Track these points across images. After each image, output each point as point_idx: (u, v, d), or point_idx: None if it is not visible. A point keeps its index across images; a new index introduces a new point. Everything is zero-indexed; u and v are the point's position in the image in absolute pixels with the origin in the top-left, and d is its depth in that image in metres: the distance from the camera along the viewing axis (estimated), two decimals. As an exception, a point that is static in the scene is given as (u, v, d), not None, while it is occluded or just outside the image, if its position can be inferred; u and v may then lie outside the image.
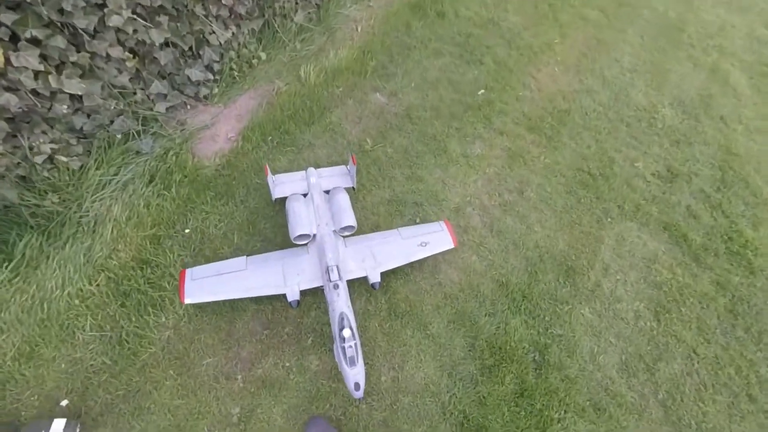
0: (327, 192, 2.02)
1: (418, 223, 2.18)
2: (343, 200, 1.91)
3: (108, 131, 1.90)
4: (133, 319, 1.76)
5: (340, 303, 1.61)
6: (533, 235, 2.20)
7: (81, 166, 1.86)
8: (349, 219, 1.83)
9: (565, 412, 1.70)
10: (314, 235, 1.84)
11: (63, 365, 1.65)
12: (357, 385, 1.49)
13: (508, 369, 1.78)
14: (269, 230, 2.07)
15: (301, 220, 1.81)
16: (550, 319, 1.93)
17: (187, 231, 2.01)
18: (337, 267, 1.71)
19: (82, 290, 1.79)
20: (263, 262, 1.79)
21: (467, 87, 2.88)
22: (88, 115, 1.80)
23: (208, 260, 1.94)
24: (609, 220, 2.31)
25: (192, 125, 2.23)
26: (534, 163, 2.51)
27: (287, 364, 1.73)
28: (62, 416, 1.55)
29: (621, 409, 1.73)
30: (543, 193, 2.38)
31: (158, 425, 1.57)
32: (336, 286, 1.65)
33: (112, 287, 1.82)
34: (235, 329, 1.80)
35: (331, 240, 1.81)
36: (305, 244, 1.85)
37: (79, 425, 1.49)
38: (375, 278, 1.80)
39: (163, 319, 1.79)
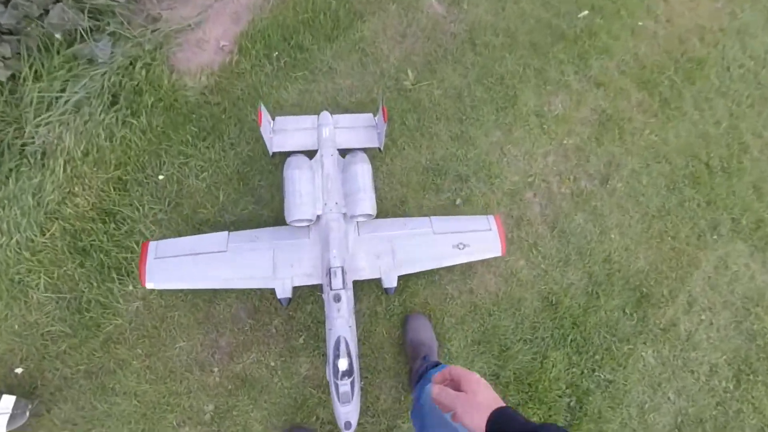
0: (343, 154, 1.48)
1: (458, 206, 1.66)
2: (363, 175, 1.38)
3: (43, 27, 1.32)
4: (95, 284, 1.46)
5: (340, 322, 1.23)
6: (607, 244, 1.66)
7: (11, 76, 1.35)
8: (368, 205, 1.34)
9: (591, 472, 1.43)
10: (318, 216, 1.38)
11: (16, 326, 1.42)
12: (348, 425, 1.21)
13: (534, 411, 1.46)
14: (264, 189, 1.60)
15: (302, 198, 1.32)
16: (602, 359, 1.54)
17: (161, 177, 1.57)
18: (342, 269, 1.28)
19: (32, 241, 1.46)
20: (249, 242, 1.38)
21: (564, 2, 2.00)
22: (5, 2, 1.22)
23: (186, 220, 1.55)
24: (715, 237, 1.71)
25: (168, 24, 1.59)
26: (634, 139, 1.81)
27: (272, 364, 1.46)
28: (17, 384, 1.38)
29: (659, 479, 1.45)
30: (636, 185, 1.75)
31: (123, 410, 1.39)
32: (338, 298, 1.25)
33: (69, 241, 1.48)
34: (214, 312, 1.49)
35: (339, 228, 1.35)
36: (306, 227, 1.40)
37: (30, 405, 1.31)
38: (390, 283, 1.39)
39: (131, 288, 1.48)
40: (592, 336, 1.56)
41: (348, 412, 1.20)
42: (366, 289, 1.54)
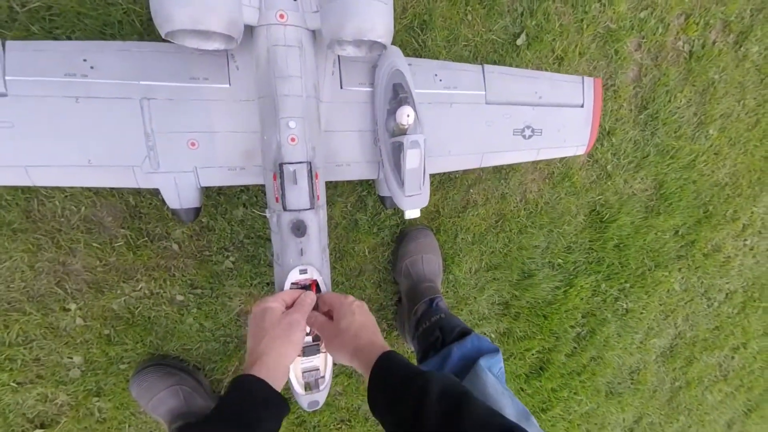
0: None
1: (519, 48, 0.91)
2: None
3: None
4: None
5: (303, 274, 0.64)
6: (699, 143, 1.14)
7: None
8: (377, 18, 0.55)
9: (575, 393, 1.31)
10: (252, 29, 0.58)
11: None
12: (314, 404, 0.78)
13: (539, 342, 1.19)
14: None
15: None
16: (631, 287, 1.24)
17: None
18: (310, 167, 0.61)
19: None
20: (69, 76, 0.56)
21: None
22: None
23: None
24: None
25: None
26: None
27: (179, 298, 0.88)
28: None
29: (634, 393, 1.40)
30: (775, 52, 1.12)
31: None
32: (299, 228, 0.63)
33: None
34: (42, 210, 0.76)
35: (302, 66, 0.59)
36: (222, 53, 0.60)
37: None
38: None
39: None
40: (630, 261, 1.20)
41: (318, 394, 0.75)
42: (340, 183, 0.89)
